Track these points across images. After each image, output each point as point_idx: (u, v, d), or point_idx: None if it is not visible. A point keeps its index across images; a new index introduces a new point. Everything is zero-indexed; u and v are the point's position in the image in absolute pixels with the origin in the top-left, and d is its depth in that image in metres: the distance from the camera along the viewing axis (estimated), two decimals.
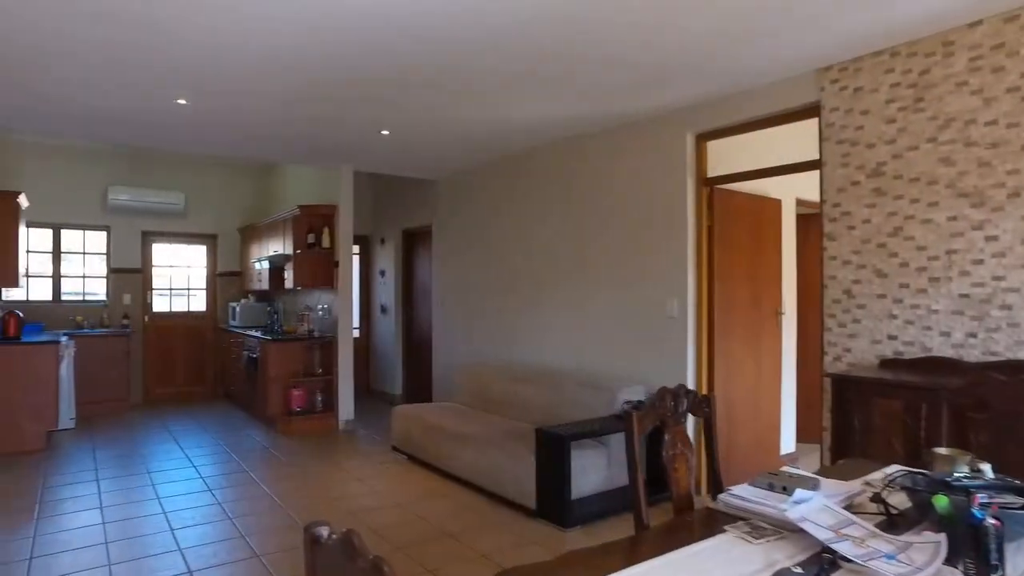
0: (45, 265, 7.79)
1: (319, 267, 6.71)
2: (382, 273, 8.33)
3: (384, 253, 8.33)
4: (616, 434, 4.27)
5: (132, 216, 8.04)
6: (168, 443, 6.01)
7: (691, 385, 4.46)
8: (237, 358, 7.59)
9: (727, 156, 4.54)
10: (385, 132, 5.25)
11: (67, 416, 6.59)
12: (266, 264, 7.51)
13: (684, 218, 4.48)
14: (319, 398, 6.57)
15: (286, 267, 7.05)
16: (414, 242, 7.98)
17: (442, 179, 7.17)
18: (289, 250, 6.82)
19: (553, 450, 3.93)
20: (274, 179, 8.74)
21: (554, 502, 3.91)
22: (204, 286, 8.78)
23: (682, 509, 1.82)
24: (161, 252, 8.50)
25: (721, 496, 1.70)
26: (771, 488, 1.69)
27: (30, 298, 7.61)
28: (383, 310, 8.31)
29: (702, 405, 1.95)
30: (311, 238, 6.68)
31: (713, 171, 4.49)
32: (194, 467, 5.18)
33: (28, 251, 7.59)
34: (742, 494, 1.69)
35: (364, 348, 8.47)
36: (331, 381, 6.62)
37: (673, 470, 1.82)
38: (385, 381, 8.37)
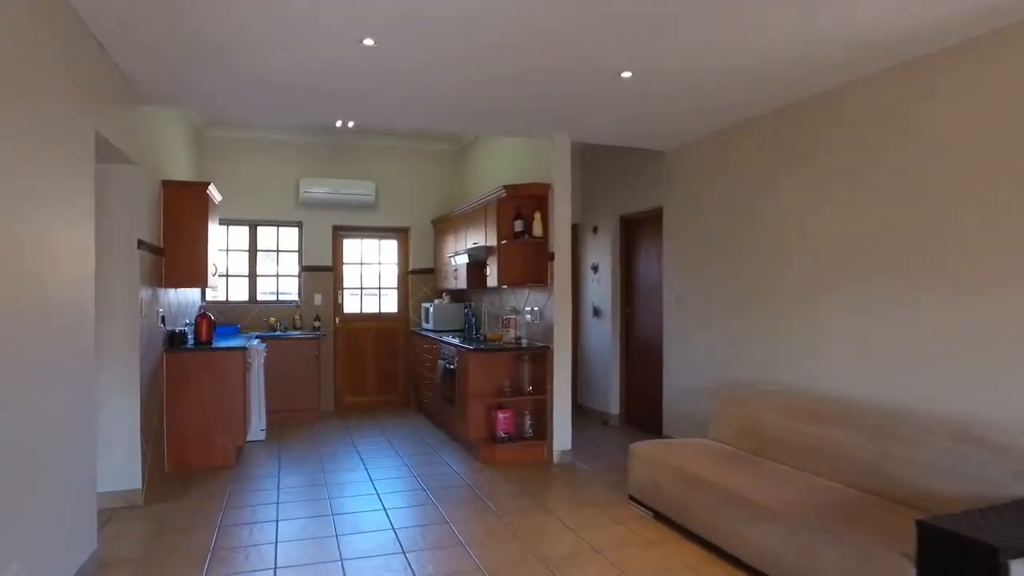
0: (243, 264, 7.43)
1: (529, 260, 5.45)
2: (594, 268, 6.95)
3: (597, 244, 6.94)
4: None
5: (323, 210, 7.48)
6: (356, 469, 5.09)
7: None
8: (431, 367, 6.64)
9: None
10: (626, 74, 3.85)
11: (258, 427, 6.05)
12: (464, 259, 6.44)
13: None
14: (528, 421, 5.33)
15: (488, 261, 5.92)
16: (635, 230, 6.52)
17: (676, 149, 5.63)
18: (492, 241, 5.67)
19: (964, 564, 2.25)
20: (469, 163, 7.75)
21: None
22: (395, 285, 8.04)
23: None
24: (351, 248, 7.87)
25: None
26: None
27: (229, 298, 7.32)
28: (595, 312, 6.93)
29: None
30: (518, 225, 5.45)
31: None
32: (384, 509, 4.15)
33: (227, 250, 7.28)
34: None
35: (572, 356, 7.14)
36: (543, 401, 5.35)
37: None
38: (596, 397, 7.00)
